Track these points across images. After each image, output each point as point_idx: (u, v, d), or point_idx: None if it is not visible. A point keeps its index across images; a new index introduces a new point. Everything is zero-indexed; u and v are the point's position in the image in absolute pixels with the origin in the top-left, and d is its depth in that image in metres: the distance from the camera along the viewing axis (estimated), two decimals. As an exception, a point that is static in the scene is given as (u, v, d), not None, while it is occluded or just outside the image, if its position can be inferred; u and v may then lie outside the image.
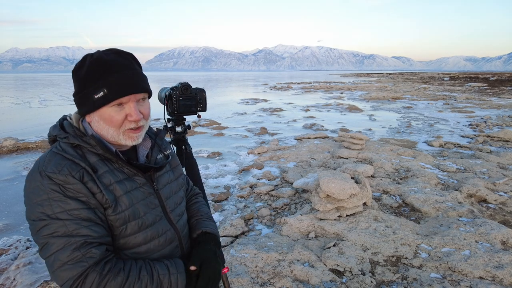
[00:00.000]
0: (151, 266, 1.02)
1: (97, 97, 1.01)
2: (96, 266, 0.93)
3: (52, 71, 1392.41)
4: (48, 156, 1.00)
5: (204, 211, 1.38)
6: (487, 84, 35.06)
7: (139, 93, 1.06)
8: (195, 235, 1.28)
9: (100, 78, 1.00)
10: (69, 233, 0.92)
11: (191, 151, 2.08)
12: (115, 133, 1.05)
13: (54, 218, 0.92)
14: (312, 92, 29.23)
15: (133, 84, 1.04)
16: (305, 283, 2.73)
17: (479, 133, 9.47)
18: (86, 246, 0.93)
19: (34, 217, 0.94)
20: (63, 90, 35.27)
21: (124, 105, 1.04)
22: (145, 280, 0.98)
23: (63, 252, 0.91)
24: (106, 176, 1.02)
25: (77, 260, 0.91)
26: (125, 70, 1.03)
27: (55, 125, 1.08)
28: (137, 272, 0.98)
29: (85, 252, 0.92)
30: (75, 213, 0.94)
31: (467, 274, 2.77)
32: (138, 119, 1.05)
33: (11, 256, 3.27)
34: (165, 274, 1.02)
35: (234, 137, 9.71)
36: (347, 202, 3.74)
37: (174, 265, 1.06)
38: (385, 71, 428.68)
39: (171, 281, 1.02)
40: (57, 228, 0.92)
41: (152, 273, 1.00)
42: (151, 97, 1.18)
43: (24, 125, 11.64)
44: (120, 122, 1.04)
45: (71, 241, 0.92)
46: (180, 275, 1.04)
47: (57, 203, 0.93)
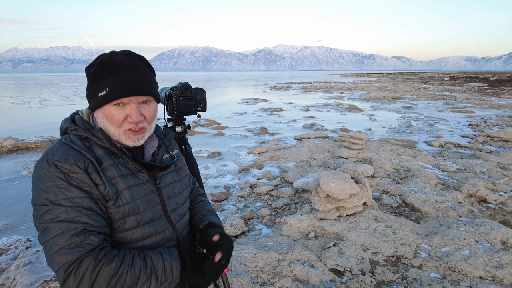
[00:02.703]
0: (144, 254, 1.03)
1: (100, 95, 1.05)
2: (92, 252, 0.94)
3: (52, 71, 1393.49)
4: (56, 145, 1.04)
5: (209, 209, 1.41)
6: (487, 84, 35.06)
7: (141, 95, 1.07)
8: (201, 225, 1.31)
9: (105, 77, 1.04)
10: (70, 219, 0.94)
11: (191, 151, 2.08)
12: (115, 132, 1.08)
13: (57, 204, 0.95)
14: (312, 92, 29.24)
15: (135, 86, 1.05)
16: (305, 283, 2.73)
17: (479, 133, 9.47)
18: (85, 233, 0.95)
19: (38, 202, 0.97)
20: (63, 90, 35.28)
21: (125, 106, 1.07)
22: (139, 265, 0.99)
23: (62, 236, 0.93)
24: (110, 169, 1.05)
25: (75, 245, 0.93)
26: (130, 72, 1.06)
27: (67, 118, 1.13)
28: (130, 258, 0.99)
29: (83, 239, 0.94)
30: (77, 201, 0.97)
31: (467, 274, 2.77)
32: (137, 121, 1.07)
33: (11, 256, 3.27)
34: (158, 259, 1.02)
35: (234, 137, 9.71)
36: (347, 202, 3.74)
37: (167, 252, 1.06)
38: (385, 71, 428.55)
39: (165, 267, 1.02)
40: (59, 214, 0.94)
41: (146, 259, 1.01)
42: (159, 102, 1.19)
43: (24, 125, 11.64)
44: (120, 121, 1.07)
45: (70, 227, 0.94)
46: (174, 260, 1.04)
47: (61, 190, 0.96)
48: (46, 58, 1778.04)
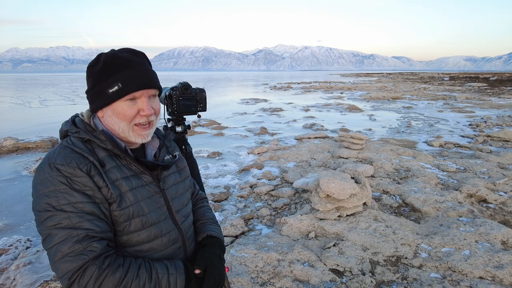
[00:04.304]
0: (150, 265, 1.02)
1: (111, 91, 1.05)
2: (96, 260, 0.94)
3: (52, 71, 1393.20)
4: (58, 149, 1.03)
5: (209, 216, 1.40)
6: (487, 84, 35.06)
7: (152, 88, 1.10)
8: (200, 238, 1.30)
9: (114, 73, 1.05)
10: (72, 225, 0.94)
11: (191, 151, 2.08)
12: (126, 128, 1.08)
13: (59, 210, 0.94)
14: (312, 92, 29.23)
15: (146, 80, 1.08)
16: (305, 283, 2.73)
17: (479, 133, 9.47)
18: (87, 239, 0.94)
19: (40, 207, 0.96)
20: (63, 90, 35.27)
21: (136, 100, 1.08)
22: (144, 277, 0.98)
23: (65, 243, 0.92)
24: (113, 171, 1.05)
25: (78, 252, 0.92)
26: (139, 66, 1.08)
27: (67, 121, 1.12)
28: (136, 269, 0.99)
29: (86, 245, 0.93)
30: (79, 206, 0.96)
31: (467, 274, 2.77)
32: (150, 114, 1.09)
33: (11, 256, 3.27)
34: (164, 273, 1.02)
35: (234, 137, 9.71)
36: (347, 202, 3.74)
37: (173, 265, 1.06)
38: (385, 71, 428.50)
39: (169, 281, 1.02)
40: (61, 220, 0.94)
41: (151, 271, 1.01)
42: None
43: (24, 125, 11.64)
44: (132, 116, 1.08)
45: (73, 234, 0.93)
46: (179, 276, 1.04)
47: (63, 195, 0.95)
48: (46, 58, 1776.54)
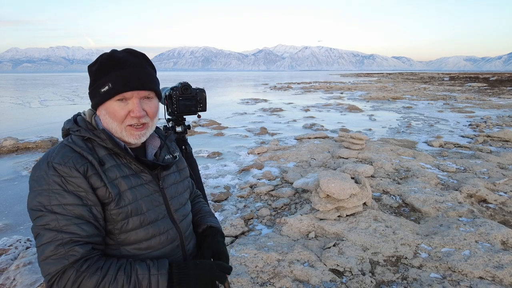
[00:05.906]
0: (131, 267, 1.00)
1: (103, 90, 1.07)
2: (75, 264, 0.94)
3: (52, 71, 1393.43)
4: (58, 147, 1.04)
5: (206, 209, 1.45)
6: (487, 84, 35.06)
7: (143, 90, 1.09)
8: (200, 229, 1.34)
9: (107, 74, 1.06)
10: (58, 228, 0.95)
11: (191, 151, 2.09)
12: (118, 128, 1.09)
13: (49, 210, 0.95)
14: (312, 92, 29.23)
15: (136, 81, 1.07)
16: (305, 283, 2.73)
17: (479, 133, 9.47)
18: (71, 243, 0.95)
19: (32, 205, 0.97)
20: (63, 90, 35.27)
21: (128, 101, 1.08)
22: (121, 280, 0.96)
23: (49, 246, 0.94)
24: (112, 170, 1.05)
25: (60, 256, 0.93)
26: (132, 67, 1.08)
27: (69, 120, 1.13)
28: (114, 272, 0.97)
29: (68, 249, 0.94)
30: (69, 208, 0.97)
31: (467, 274, 2.77)
32: (139, 116, 1.08)
33: (11, 256, 3.27)
34: (144, 274, 1.00)
35: (234, 137, 9.71)
36: (347, 202, 3.74)
37: (156, 266, 1.03)
38: (385, 71, 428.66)
39: (150, 282, 0.99)
40: (49, 221, 0.95)
41: (131, 273, 0.98)
42: (161, 99, 1.20)
43: (24, 125, 11.64)
44: (122, 117, 1.08)
45: (58, 237, 0.94)
46: (161, 276, 1.01)
47: (55, 196, 0.96)
48: (46, 58, 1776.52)
